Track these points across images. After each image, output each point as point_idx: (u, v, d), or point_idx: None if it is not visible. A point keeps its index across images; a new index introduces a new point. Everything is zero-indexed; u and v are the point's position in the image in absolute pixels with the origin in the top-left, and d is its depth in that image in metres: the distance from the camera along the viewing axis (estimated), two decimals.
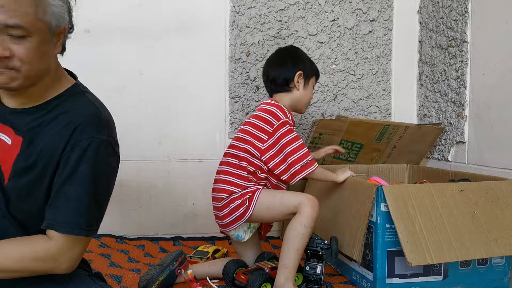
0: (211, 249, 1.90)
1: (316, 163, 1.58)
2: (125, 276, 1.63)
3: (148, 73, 2.15)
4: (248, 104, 2.23)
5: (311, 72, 1.73)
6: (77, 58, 2.08)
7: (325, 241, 1.54)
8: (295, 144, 1.56)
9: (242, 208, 1.54)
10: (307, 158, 1.56)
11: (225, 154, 1.66)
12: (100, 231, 1.33)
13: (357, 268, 1.59)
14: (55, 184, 0.99)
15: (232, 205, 1.55)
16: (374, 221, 1.47)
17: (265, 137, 1.59)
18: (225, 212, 1.57)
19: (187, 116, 2.19)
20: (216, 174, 1.65)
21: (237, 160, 1.60)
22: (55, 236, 0.97)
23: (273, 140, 1.58)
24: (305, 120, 2.28)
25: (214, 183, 1.64)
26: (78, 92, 1.11)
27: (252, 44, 2.21)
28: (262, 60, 2.22)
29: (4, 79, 0.96)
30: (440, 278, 1.50)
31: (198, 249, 1.91)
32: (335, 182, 1.68)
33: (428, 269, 1.49)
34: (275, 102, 1.64)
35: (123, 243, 2.02)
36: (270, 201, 1.53)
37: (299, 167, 1.55)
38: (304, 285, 1.55)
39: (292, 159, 1.55)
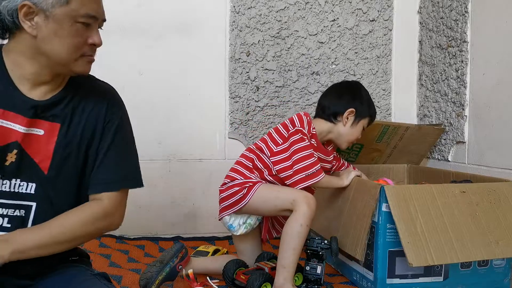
0: (211, 249, 1.89)
1: (322, 174, 1.59)
2: (125, 276, 1.63)
3: (148, 73, 2.15)
4: (248, 104, 2.23)
5: (366, 113, 1.73)
6: None
7: (325, 241, 1.54)
8: (304, 152, 1.57)
9: (239, 195, 1.56)
10: (314, 168, 1.56)
11: (248, 149, 1.71)
12: None
13: (357, 268, 1.59)
14: (98, 154, 1.10)
15: (231, 191, 1.58)
16: (376, 221, 1.47)
17: (280, 140, 1.63)
18: (223, 195, 1.60)
19: (187, 116, 2.19)
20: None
21: (248, 152, 1.67)
22: (107, 196, 1.09)
23: (285, 145, 1.61)
24: None
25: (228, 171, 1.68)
26: None
27: (252, 44, 2.21)
28: (262, 60, 2.22)
29: (90, 67, 1.08)
30: (440, 279, 1.50)
31: (198, 249, 1.90)
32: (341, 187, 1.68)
33: (429, 270, 1.49)
34: (301, 114, 1.66)
35: (123, 243, 2.02)
36: (267, 195, 1.55)
37: (304, 175, 1.56)
38: (304, 285, 1.54)
39: (299, 167, 1.56)
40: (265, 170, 1.62)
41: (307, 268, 1.55)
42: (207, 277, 1.59)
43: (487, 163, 1.86)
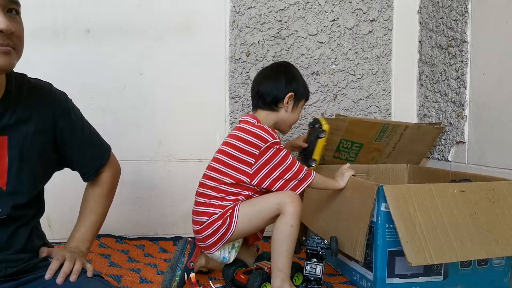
0: None
1: (313, 173, 1.57)
2: (125, 276, 1.63)
3: (148, 73, 2.15)
4: (248, 104, 2.23)
5: (303, 94, 1.68)
6: (77, 58, 2.10)
7: (325, 241, 1.54)
8: (287, 162, 1.54)
9: (223, 228, 1.51)
10: (302, 172, 1.55)
11: (205, 176, 1.61)
12: (100, 231, 1.34)
13: (357, 268, 1.59)
14: (71, 150, 1.19)
15: (214, 227, 1.52)
16: (375, 221, 1.47)
17: (252, 160, 1.53)
18: (207, 233, 1.53)
19: (187, 116, 2.19)
20: (196, 196, 1.61)
21: (216, 184, 1.56)
22: (106, 167, 1.29)
23: (261, 163, 1.53)
24: (305, 120, 2.28)
25: (194, 205, 1.61)
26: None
27: (252, 44, 2.21)
28: (262, 60, 2.22)
29: (9, 59, 0.94)
30: (440, 278, 1.50)
31: None
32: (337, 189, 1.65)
33: (429, 269, 1.49)
34: (258, 124, 1.58)
35: (123, 243, 2.02)
36: (251, 213, 1.51)
37: (297, 181, 1.54)
38: (304, 285, 1.54)
39: (288, 176, 1.54)
40: (240, 190, 1.56)
41: (307, 268, 1.54)
42: (209, 281, 1.60)
43: (487, 163, 1.86)
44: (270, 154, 1.53)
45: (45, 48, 2.06)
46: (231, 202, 1.54)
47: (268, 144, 1.53)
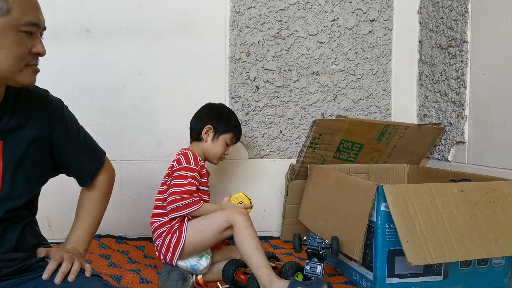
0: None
1: (200, 204, 1.62)
2: (125, 276, 1.63)
3: (148, 73, 2.15)
4: (248, 104, 2.23)
5: (225, 129, 1.83)
6: (77, 58, 2.11)
7: (326, 241, 1.54)
8: (183, 187, 1.63)
9: (174, 239, 1.59)
10: (190, 199, 1.61)
11: (156, 199, 1.73)
12: (99, 231, 1.34)
13: (357, 268, 1.59)
14: (68, 156, 1.20)
15: (167, 240, 1.61)
16: (375, 220, 1.47)
17: (168, 179, 1.71)
18: (163, 250, 1.61)
19: (187, 116, 2.18)
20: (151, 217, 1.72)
21: (160, 202, 1.70)
22: (98, 178, 1.30)
23: (169, 182, 1.68)
24: (305, 120, 2.28)
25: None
26: None
27: (252, 44, 2.21)
28: (262, 60, 2.22)
29: (35, 77, 1.05)
30: (440, 278, 1.50)
31: None
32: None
33: (428, 269, 1.49)
34: (184, 151, 1.75)
35: (123, 244, 2.02)
36: (200, 225, 1.59)
37: (182, 205, 1.61)
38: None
39: (175, 198, 1.62)
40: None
41: (307, 267, 1.54)
42: (218, 283, 1.60)
43: (487, 163, 1.86)
44: (176, 174, 1.67)
45: (45, 48, 2.05)
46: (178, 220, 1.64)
47: (180, 166, 1.69)
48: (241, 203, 1.70)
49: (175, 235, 1.59)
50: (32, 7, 0.99)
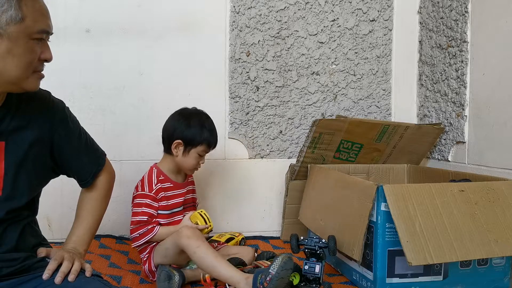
0: (224, 238, 1.89)
1: (154, 231, 1.64)
2: (125, 277, 1.63)
3: (148, 73, 2.15)
4: (248, 104, 2.23)
5: (195, 143, 1.73)
6: (77, 58, 2.10)
7: (323, 240, 1.54)
8: (136, 217, 1.65)
9: (148, 259, 1.66)
10: (144, 228, 1.63)
11: None
12: (99, 232, 1.34)
13: (357, 267, 1.59)
14: (69, 157, 1.20)
15: (146, 257, 1.66)
16: (375, 220, 1.47)
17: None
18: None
19: None
20: None
21: None
22: (99, 179, 1.30)
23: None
24: (305, 120, 2.28)
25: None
26: None
27: (252, 44, 2.21)
28: (262, 60, 2.22)
29: (40, 83, 1.06)
30: (440, 278, 1.50)
31: (211, 238, 1.91)
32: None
33: (428, 269, 1.49)
34: (148, 170, 1.76)
35: (123, 244, 2.02)
36: (162, 250, 1.63)
37: (138, 235, 1.63)
38: (303, 284, 1.54)
39: (132, 228, 1.65)
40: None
41: (306, 267, 1.54)
42: (226, 284, 1.59)
43: (487, 163, 1.86)
44: (134, 202, 1.69)
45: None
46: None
47: (137, 193, 1.71)
48: (197, 223, 1.65)
49: (147, 256, 1.66)
50: (44, 15, 1.00)
